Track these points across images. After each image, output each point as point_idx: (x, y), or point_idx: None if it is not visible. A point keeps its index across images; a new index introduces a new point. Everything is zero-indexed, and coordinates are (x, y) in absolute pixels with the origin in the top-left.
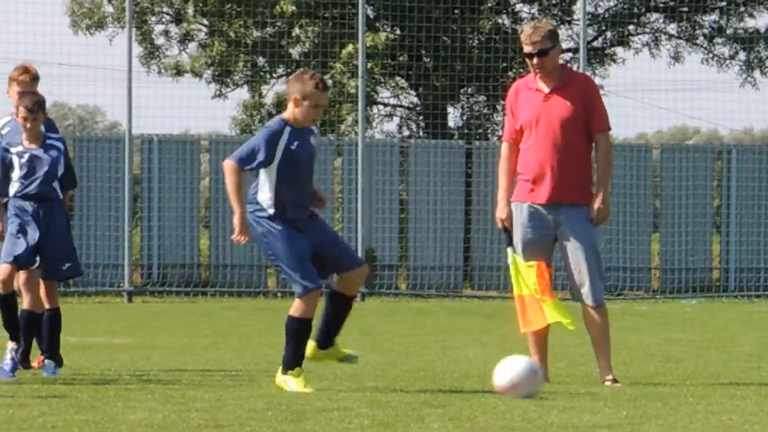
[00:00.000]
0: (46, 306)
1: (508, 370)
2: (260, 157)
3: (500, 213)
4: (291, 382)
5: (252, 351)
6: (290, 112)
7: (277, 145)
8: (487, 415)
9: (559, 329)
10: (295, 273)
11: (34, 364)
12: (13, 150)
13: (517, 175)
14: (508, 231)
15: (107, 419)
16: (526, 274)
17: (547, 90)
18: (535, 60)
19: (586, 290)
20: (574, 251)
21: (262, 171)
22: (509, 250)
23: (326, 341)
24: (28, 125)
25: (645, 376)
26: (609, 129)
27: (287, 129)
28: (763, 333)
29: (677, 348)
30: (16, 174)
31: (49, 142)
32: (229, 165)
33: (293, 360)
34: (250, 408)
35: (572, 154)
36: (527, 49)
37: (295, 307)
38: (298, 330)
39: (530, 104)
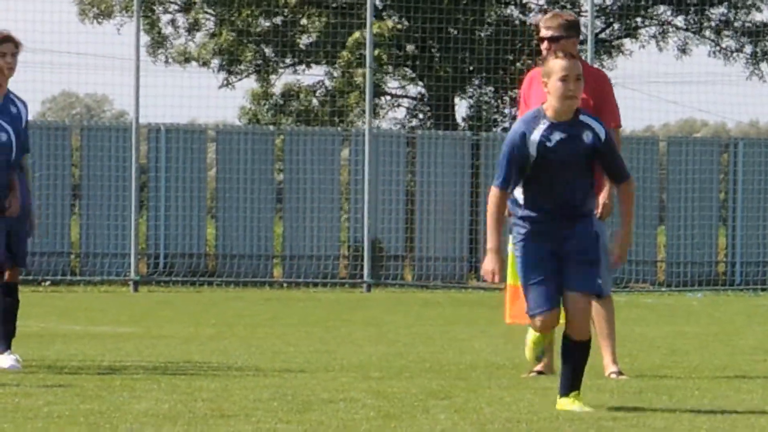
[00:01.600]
0: None
1: None
2: None
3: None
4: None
5: (258, 341)
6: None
7: None
8: (492, 407)
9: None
10: None
11: None
12: None
13: None
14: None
15: (113, 409)
16: None
17: None
18: (545, 44)
19: None
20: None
21: None
22: (510, 237)
23: None
24: None
25: (650, 368)
26: (619, 126)
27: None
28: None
29: (683, 340)
30: None
31: None
32: None
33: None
34: (255, 398)
35: None
36: (542, 33)
37: None
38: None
39: (542, 94)
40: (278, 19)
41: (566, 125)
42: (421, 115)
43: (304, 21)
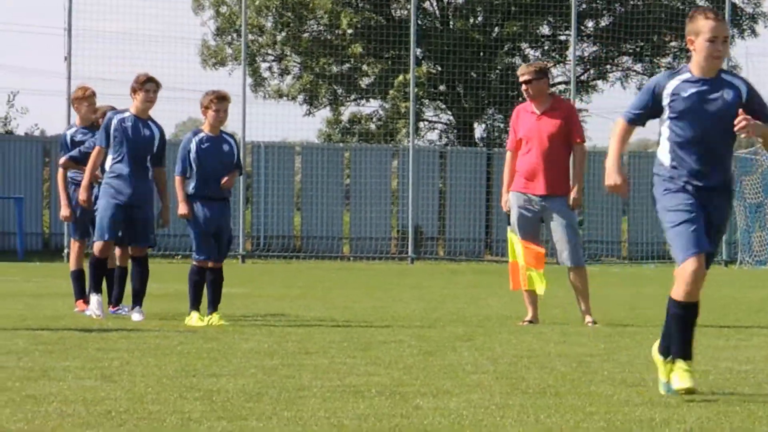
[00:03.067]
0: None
1: None
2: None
3: (503, 201)
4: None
5: (331, 299)
6: None
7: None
8: (503, 347)
9: (553, 287)
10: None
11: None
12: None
13: (515, 175)
14: (508, 214)
15: (227, 347)
16: (517, 248)
17: (539, 112)
18: (523, 86)
19: (566, 255)
20: (558, 227)
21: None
22: (508, 228)
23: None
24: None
25: (617, 319)
26: (584, 141)
27: None
28: (703, 289)
29: (641, 300)
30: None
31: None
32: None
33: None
34: (330, 340)
35: (556, 159)
36: (521, 78)
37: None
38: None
39: (526, 122)
40: (346, 66)
41: (709, 82)
42: (449, 136)
43: (365, 67)
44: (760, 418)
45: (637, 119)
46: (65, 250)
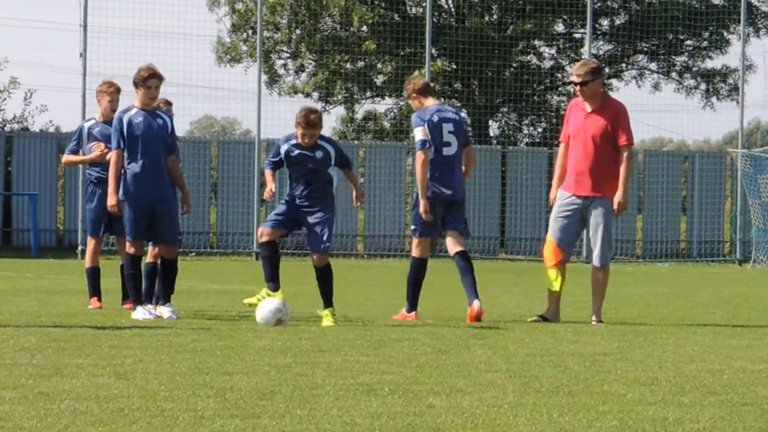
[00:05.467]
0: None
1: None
2: None
3: (552, 194)
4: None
5: (345, 296)
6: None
7: None
8: (516, 345)
9: (569, 286)
10: None
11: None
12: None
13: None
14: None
15: (240, 345)
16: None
17: (588, 110)
18: (578, 88)
19: (597, 253)
20: (595, 227)
21: None
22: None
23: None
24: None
25: (630, 317)
26: (632, 143)
27: None
28: (716, 288)
29: (654, 298)
30: None
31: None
32: None
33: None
34: (344, 338)
35: (601, 160)
36: (573, 78)
37: None
38: None
39: (576, 119)
40: (360, 64)
41: None
42: None
43: (379, 65)
44: None
45: None
46: (79, 247)
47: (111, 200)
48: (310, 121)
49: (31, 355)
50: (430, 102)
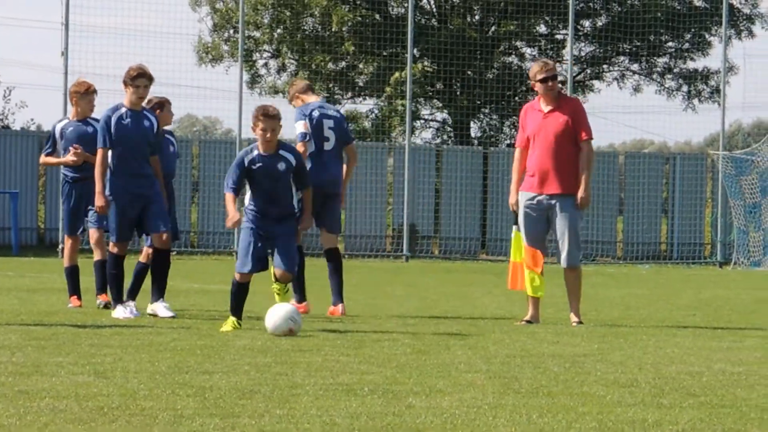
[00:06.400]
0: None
1: (271, 315)
2: None
3: (512, 200)
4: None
5: (326, 296)
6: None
7: None
8: (496, 346)
9: (548, 287)
10: None
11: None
12: None
13: (525, 172)
14: (515, 213)
15: (220, 344)
16: (521, 249)
17: (546, 110)
18: (549, 83)
19: (564, 255)
20: (561, 226)
21: None
22: (515, 227)
23: None
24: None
25: (611, 319)
26: (592, 138)
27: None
28: (697, 290)
29: (635, 300)
30: None
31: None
32: None
33: None
34: (324, 337)
35: (563, 158)
36: (542, 75)
37: None
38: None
39: (534, 120)
40: (342, 64)
41: None
42: (445, 135)
43: (361, 66)
44: (753, 420)
45: None
46: (60, 246)
47: (99, 201)
48: (269, 112)
49: (11, 353)
50: (312, 99)
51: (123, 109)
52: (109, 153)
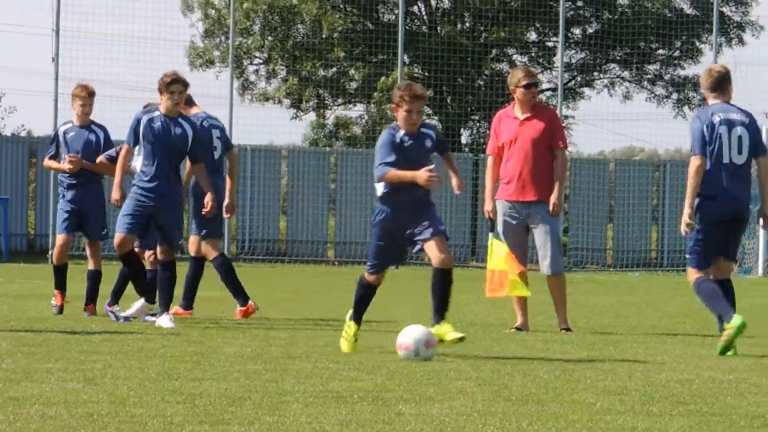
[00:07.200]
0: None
1: (405, 335)
2: None
3: (487, 207)
4: None
5: (316, 303)
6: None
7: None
8: (486, 353)
9: (537, 294)
10: None
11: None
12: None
13: (500, 179)
14: (492, 220)
15: (210, 351)
16: (499, 255)
17: (522, 117)
18: (532, 89)
19: (547, 263)
20: (540, 234)
21: None
22: (491, 234)
23: None
24: None
25: (601, 327)
26: (566, 147)
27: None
28: (687, 297)
29: (625, 307)
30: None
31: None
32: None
33: None
34: (314, 344)
35: (539, 165)
36: (526, 81)
37: None
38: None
39: (509, 128)
40: (332, 70)
41: None
42: None
43: (351, 71)
44: (742, 428)
45: None
46: (50, 251)
47: (115, 193)
48: (416, 92)
49: (0, 360)
50: (196, 110)
51: (156, 113)
52: (135, 150)
